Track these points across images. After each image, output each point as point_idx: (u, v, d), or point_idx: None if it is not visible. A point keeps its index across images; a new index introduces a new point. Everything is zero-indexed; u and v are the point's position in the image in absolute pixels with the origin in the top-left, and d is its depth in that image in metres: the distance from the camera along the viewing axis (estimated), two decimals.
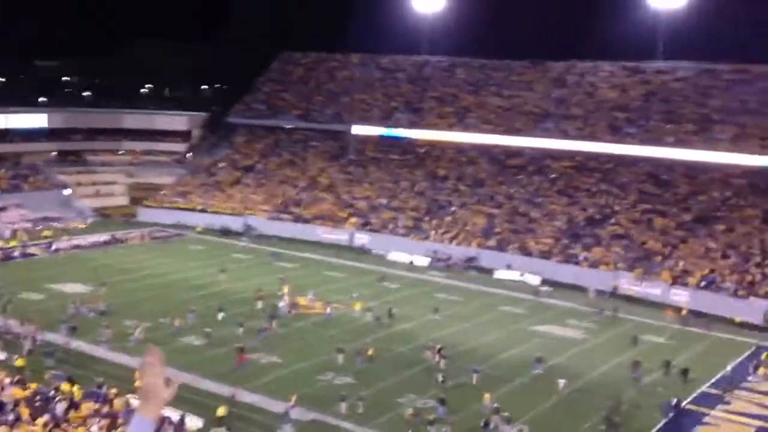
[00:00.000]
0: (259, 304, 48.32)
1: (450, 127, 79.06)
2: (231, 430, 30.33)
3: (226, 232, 71.98)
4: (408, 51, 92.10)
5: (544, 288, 56.62)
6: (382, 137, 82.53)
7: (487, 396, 34.30)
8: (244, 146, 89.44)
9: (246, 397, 34.32)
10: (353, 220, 72.18)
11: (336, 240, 69.49)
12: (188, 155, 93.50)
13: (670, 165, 67.49)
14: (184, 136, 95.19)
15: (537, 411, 34.84)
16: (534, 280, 58.35)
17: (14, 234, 65.96)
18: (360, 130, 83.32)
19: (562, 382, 36.93)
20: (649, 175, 68.37)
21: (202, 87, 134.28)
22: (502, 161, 76.73)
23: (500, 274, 60.47)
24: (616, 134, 70.20)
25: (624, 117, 71.85)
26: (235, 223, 73.56)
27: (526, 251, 62.54)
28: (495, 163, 76.74)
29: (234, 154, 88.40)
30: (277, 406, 33.26)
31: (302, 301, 49.77)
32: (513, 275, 59.81)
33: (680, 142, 66.29)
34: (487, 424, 31.82)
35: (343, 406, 33.37)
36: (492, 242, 64.76)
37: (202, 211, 76.56)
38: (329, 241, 69.45)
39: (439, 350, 39.95)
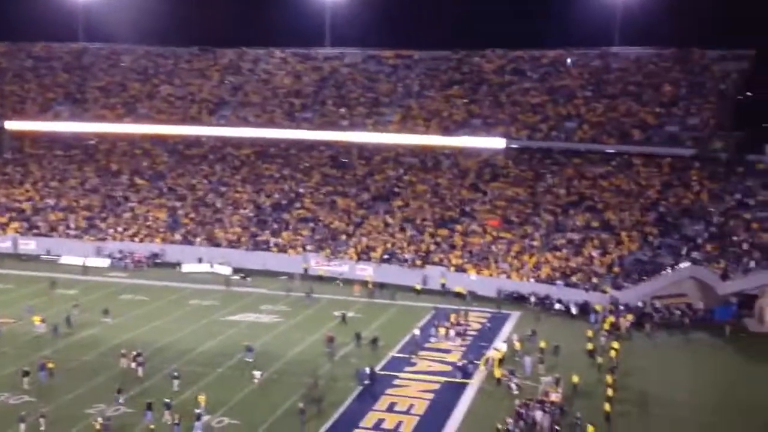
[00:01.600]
0: None
1: (119, 118, 73.97)
2: None
3: None
4: (63, 38, 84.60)
5: (236, 277, 55.57)
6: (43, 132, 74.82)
7: (202, 398, 32.33)
8: None
9: None
10: (15, 225, 64.47)
11: None
12: None
13: (348, 148, 70.25)
14: None
15: (238, 399, 33.80)
16: (224, 270, 56.98)
17: None
18: (14, 125, 74.53)
19: (257, 373, 36.05)
20: (329, 158, 70.50)
21: None
22: (180, 152, 73.91)
23: (188, 267, 58.17)
24: (294, 120, 71.24)
25: (300, 103, 73.19)
26: None
27: (214, 242, 60.87)
28: (173, 154, 73.67)
29: None
30: None
31: None
32: (202, 268, 57.94)
33: (354, 126, 69.21)
34: (178, 423, 30.20)
35: (21, 427, 29.50)
36: (177, 236, 62.04)
37: None
38: None
39: (136, 356, 36.81)
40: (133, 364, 36.28)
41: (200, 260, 58.63)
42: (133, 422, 30.68)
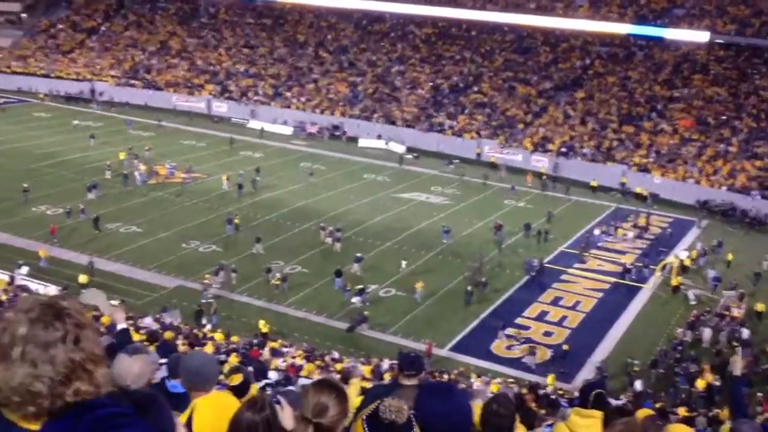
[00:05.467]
0: (108, 174, 46.05)
1: None
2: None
3: (71, 99, 67.02)
4: None
5: (409, 156, 55.92)
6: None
7: (419, 284, 32.78)
8: (85, 7, 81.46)
9: (107, 266, 33.15)
10: (210, 87, 68.00)
11: (192, 108, 65.59)
12: (23, 15, 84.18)
13: (533, 32, 67.25)
14: None
15: (404, 274, 34.52)
16: (399, 148, 57.47)
17: None
18: None
19: (403, 263, 35.70)
20: (512, 42, 67.94)
21: None
22: (363, 27, 73.92)
23: (364, 142, 59.18)
24: (478, 0, 68.76)
25: None
26: (80, 89, 68.48)
27: (390, 120, 61.29)
28: (357, 29, 73.86)
29: (74, 15, 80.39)
30: (138, 274, 31.97)
31: (161, 170, 47.21)
32: (377, 144, 58.74)
33: (541, 9, 65.86)
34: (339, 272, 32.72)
35: (221, 275, 32.55)
36: (356, 111, 63.00)
37: (45, 76, 70.24)
38: (185, 108, 65.50)
39: (334, 231, 37.63)
40: (329, 239, 37.42)
41: (379, 137, 59.31)
42: (309, 282, 32.50)
